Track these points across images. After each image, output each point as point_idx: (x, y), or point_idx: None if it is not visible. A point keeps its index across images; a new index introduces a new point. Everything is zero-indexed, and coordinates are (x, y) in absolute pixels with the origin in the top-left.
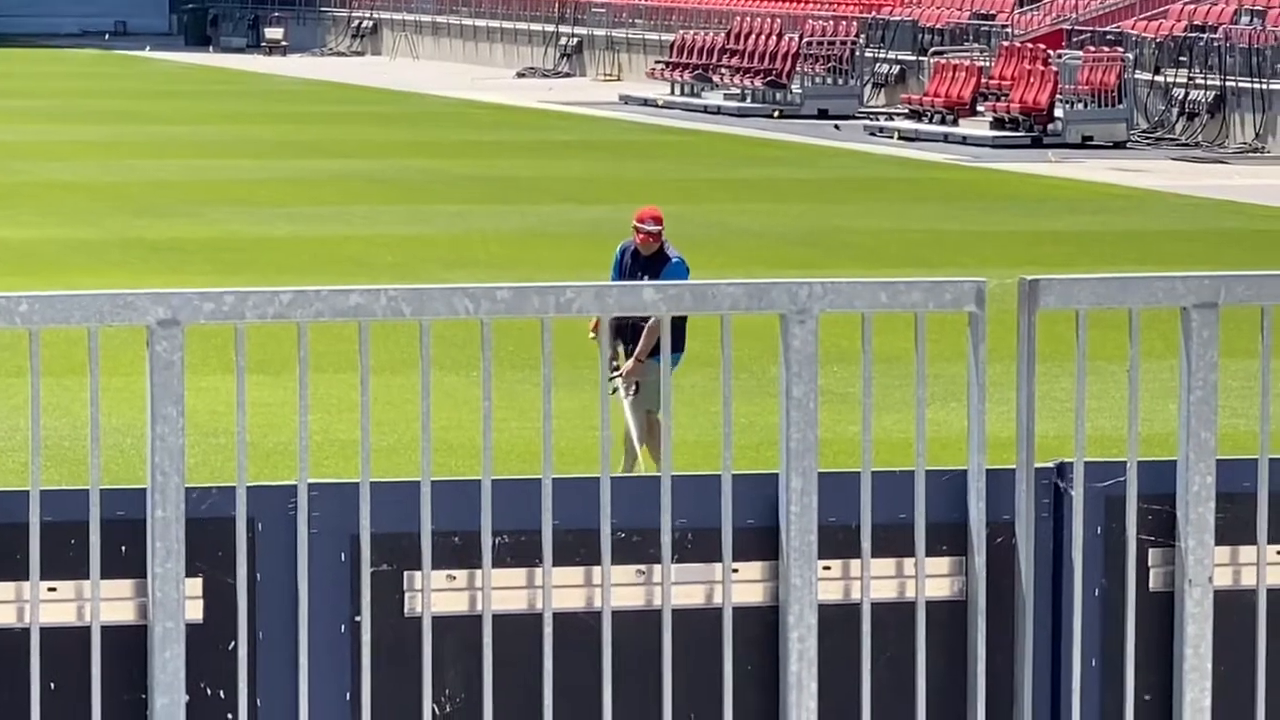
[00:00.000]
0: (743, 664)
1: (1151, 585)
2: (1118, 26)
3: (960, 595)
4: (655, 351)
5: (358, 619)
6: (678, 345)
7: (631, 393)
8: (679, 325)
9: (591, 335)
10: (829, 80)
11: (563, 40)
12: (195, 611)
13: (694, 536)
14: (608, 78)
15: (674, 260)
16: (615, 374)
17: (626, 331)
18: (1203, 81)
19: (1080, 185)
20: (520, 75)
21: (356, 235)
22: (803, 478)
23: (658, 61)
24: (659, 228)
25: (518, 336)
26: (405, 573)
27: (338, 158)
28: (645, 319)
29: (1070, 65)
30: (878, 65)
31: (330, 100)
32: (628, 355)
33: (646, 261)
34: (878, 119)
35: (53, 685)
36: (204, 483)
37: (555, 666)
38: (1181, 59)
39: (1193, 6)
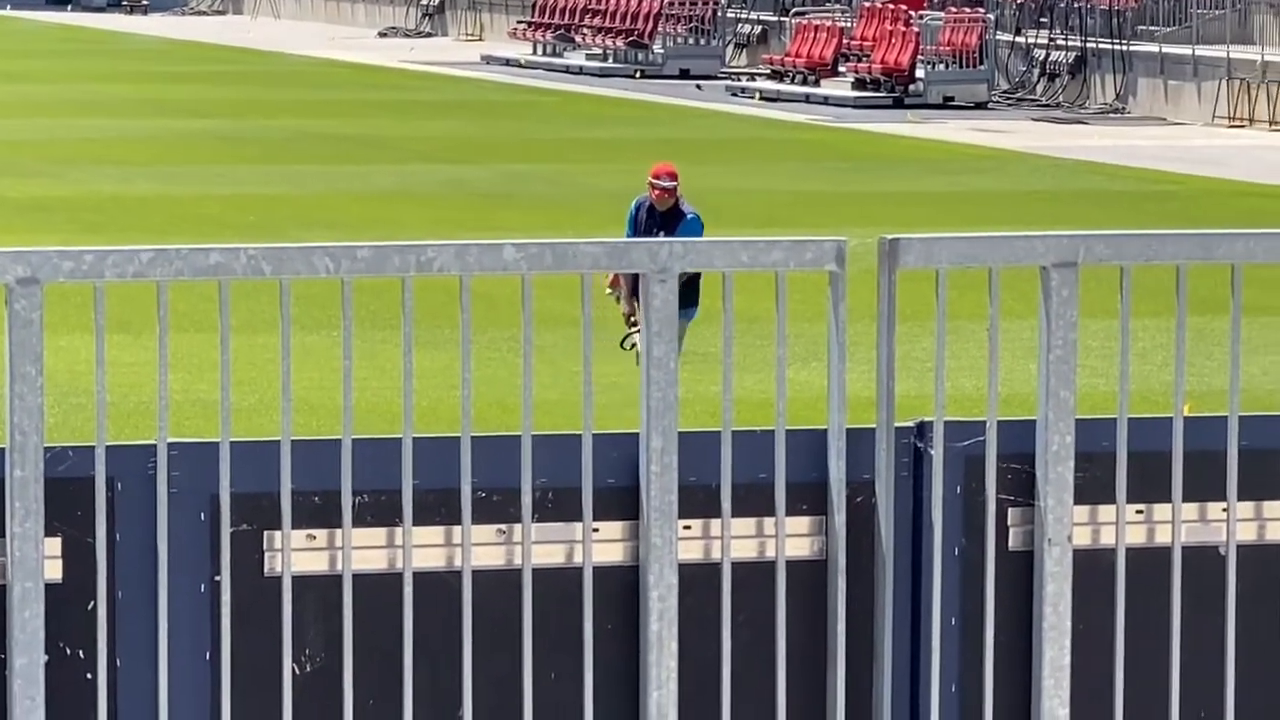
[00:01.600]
0: (603, 623)
1: (1011, 544)
2: None
3: (820, 555)
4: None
5: (217, 579)
6: (692, 300)
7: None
8: (692, 282)
9: (608, 290)
10: (691, 40)
11: (425, 0)
12: (54, 571)
13: (554, 496)
14: (470, 37)
15: (689, 216)
16: (631, 330)
17: (636, 288)
18: (1064, 42)
19: (942, 146)
20: (382, 35)
21: (217, 195)
22: (663, 437)
23: (520, 21)
24: (674, 183)
25: (379, 295)
26: (265, 532)
27: (198, 117)
28: None
29: (932, 26)
30: (739, 25)
31: (191, 59)
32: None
33: (662, 217)
34: (739, 79)
35: None
36: (63, 442)
37: (415, 626)
38: (1042, 20)
39: None
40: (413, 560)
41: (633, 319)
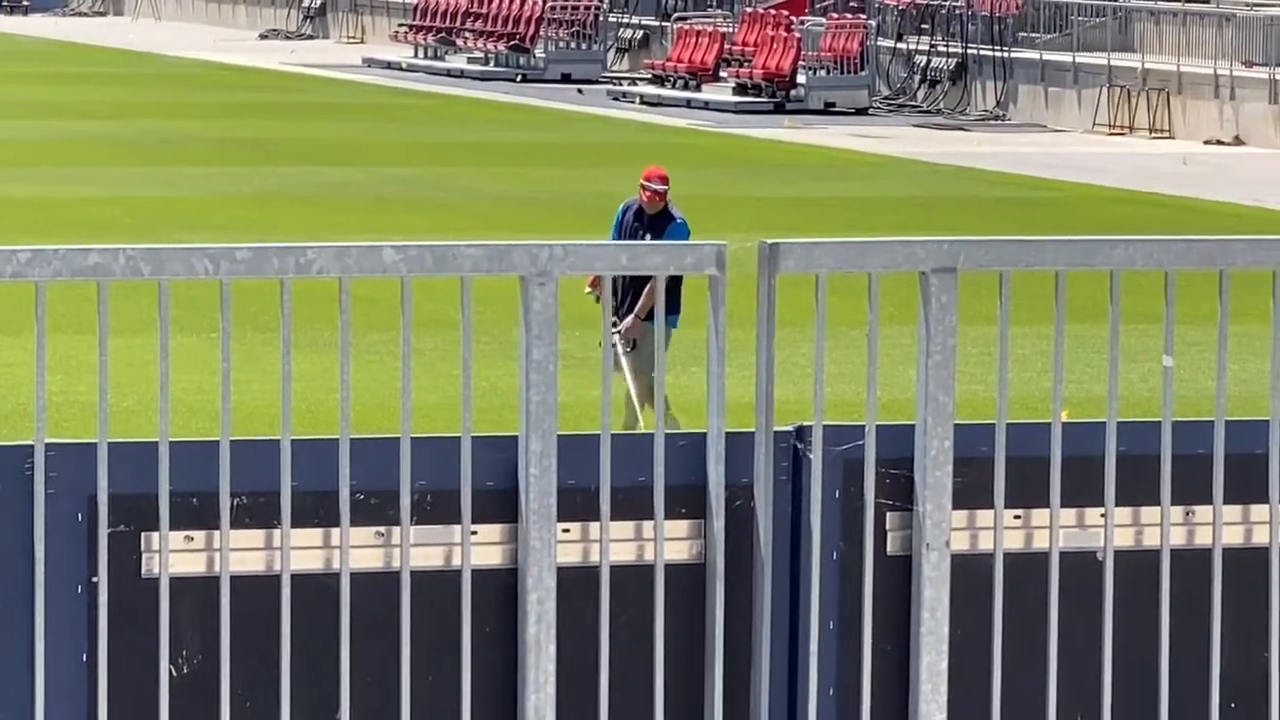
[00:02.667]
0: (481, 626)
1: (889, 549)
2: None
3: (699, 558)
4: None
5: (95, 580)
6: (675, 307)
7: (629, 351)
8: (675, 287)
9: (588, 290)
10: (572, 45)
11: (306, 2)
12: None
13: (433, 498)
14: (351, 40)
15: (678, 220)
16: (614, 330)
17: (624, 290)
18: (945, 49)
19: (823, 151)
20: (263, 37)
21: (96, 197)
22: (542, 440)
23: (401, 24)
24: (665, 187)
25: (259, 297)
26: (143, 534)
27: (78, 119)
28: (647, 278)
29: (813, 32)
30: (621, 30)
31: (71, 60)
32: (624, 314)
33: (651, 220)
34: (621, 84)
35: None
36: None
37: (293, 628)
38: (924, 26)
39: None
40: (291, 562)
41: (614, 319)
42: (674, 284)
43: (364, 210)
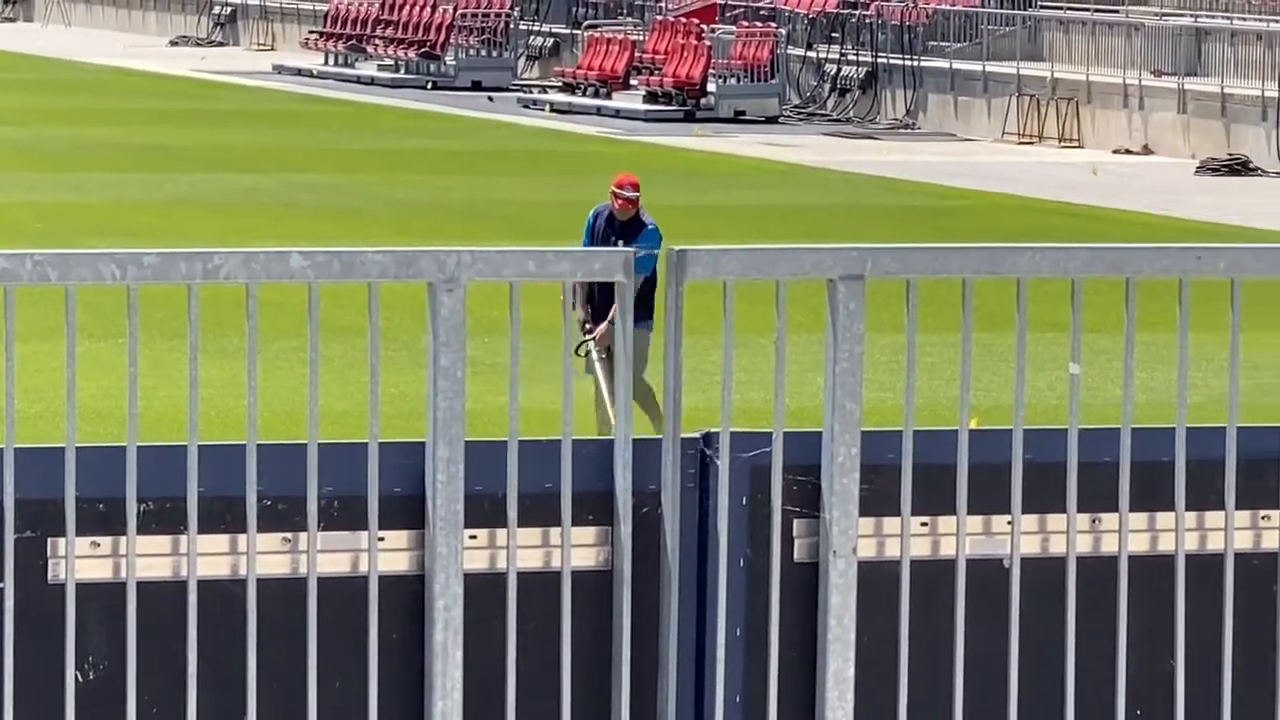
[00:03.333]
0: (388, 632)
1: (796, 556)
2: (771, 2)
3: (606, 565)
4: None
5: (0, 585)
6: (648, 314)
7: (602, 357)
8: (649, 294)
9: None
10: (483, 52)
11: (216, 9)
12: None
13: (340, 504)
14: (261, 47)
15: (649, 227)
16: (587, 338)
17: (596, 296)
18: (855, 58)
19: (733, 160)
20: (173, 44)
21: (6, 202)
22: (450, 446)
23: (312, 31)
24: (637, 194)
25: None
26: (49, 539)
27: None
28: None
29: (724, 40)
30: (532, 38)
31: None
32: (597, 320)
33: (622, 227)
34: (531, 92)
35: None
36: None
37: (200, 634)
38: (834, 35)
39: None
40: (198, 568)
41: (587, 325)
42: (647, 291)
43: (274, 217)
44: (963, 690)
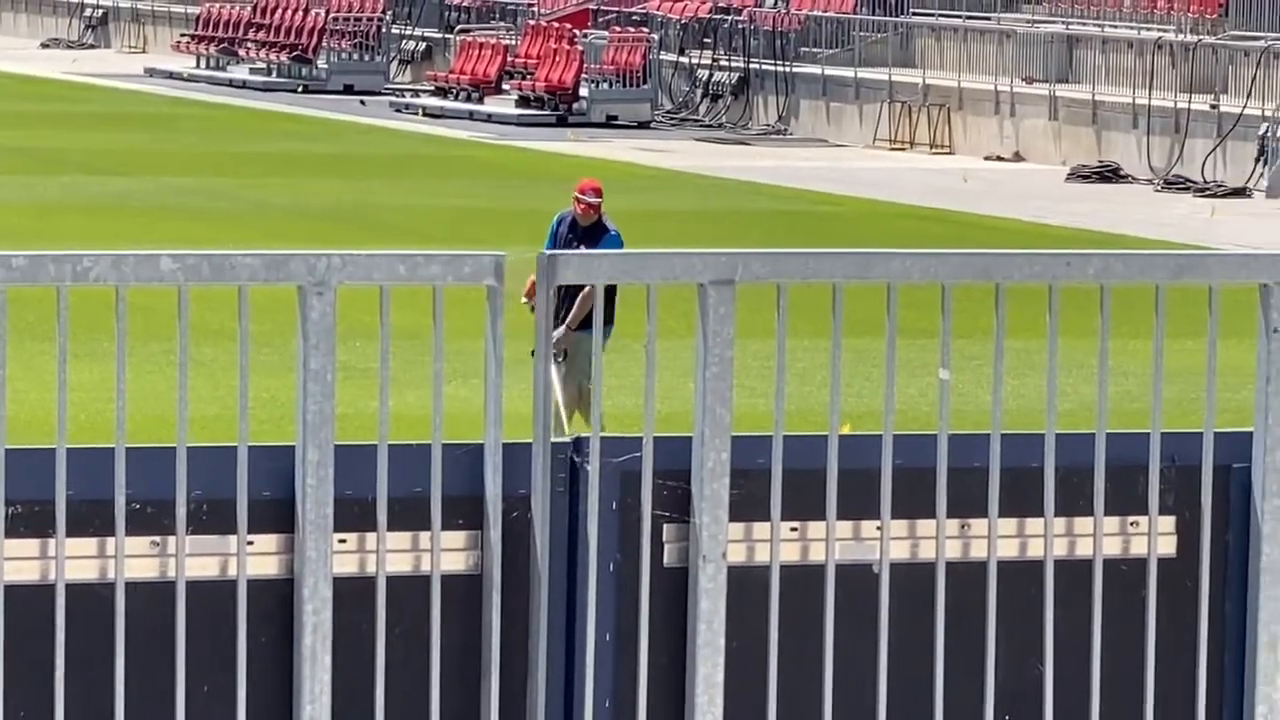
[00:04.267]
0: (257, 636)
1: (666, 560)
2: (643, 7)
3: (476, 569)
4: (585, 323)
5: None
6: (608, 318)
7: (559, 360)
8: (609, 298)
9: (524, 300)
10: (355, 56)
11: (88, 11)
12: None
13: (209, 508)
14: (132, 50)
15: (612, 233)
16: (555, 343)
17: (559, 301)
18: (727, 63)
19: (605, 164)
20: (44, 46)
21: None
22: (320, 450)
23: (183, 34)
24: (599, 199)
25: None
26: None
27: None
28: (580, 287)
29: (596, 45)
30: (404, 42)
31: None
32: (558, 323)
33: (584, 232)
34: (403, 96)
35: None
36: None
37: (68, 638)
38: (706, 40)
39: None
40: (65, 572)
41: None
42: (608, 295)
43: (145, 220)
44: (832, 695)
